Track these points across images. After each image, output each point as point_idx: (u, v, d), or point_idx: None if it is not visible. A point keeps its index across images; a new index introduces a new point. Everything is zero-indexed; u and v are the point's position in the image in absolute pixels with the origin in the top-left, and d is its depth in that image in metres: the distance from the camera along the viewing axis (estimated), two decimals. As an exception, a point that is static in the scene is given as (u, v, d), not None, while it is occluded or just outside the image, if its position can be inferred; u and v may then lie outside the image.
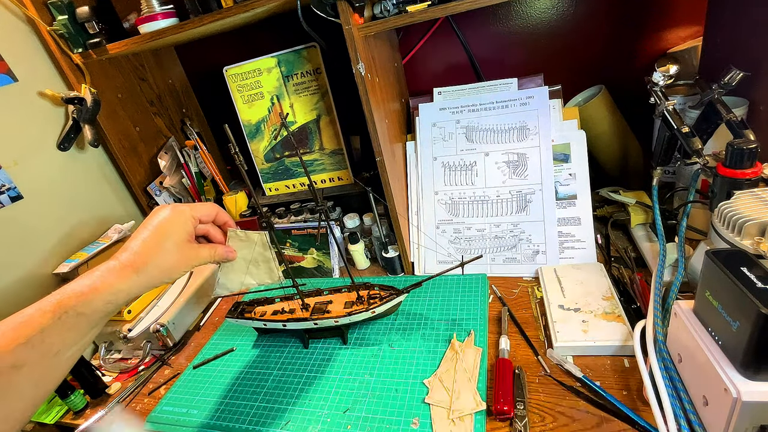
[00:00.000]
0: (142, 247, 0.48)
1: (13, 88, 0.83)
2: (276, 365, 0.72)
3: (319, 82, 0.93)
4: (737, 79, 0.62)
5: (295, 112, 0.97)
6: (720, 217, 0.54)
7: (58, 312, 0.41)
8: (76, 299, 0.42)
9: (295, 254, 0.97)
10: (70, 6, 0.83)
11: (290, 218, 1.00)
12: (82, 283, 0.44)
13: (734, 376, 0.39)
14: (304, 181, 1.05)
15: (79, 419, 0.71)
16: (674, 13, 0.86)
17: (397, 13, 0.69)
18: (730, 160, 0.57)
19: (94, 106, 0.89)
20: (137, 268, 0.46)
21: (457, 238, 0.85)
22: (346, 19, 0.65)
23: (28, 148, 0.85)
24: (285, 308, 0.75)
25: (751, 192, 0.54)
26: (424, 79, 1.04)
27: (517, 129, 0.82)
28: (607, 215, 0.84)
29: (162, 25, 0.79)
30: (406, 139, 0.92)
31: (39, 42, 0.88)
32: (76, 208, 0.93)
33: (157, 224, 0.49)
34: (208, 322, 0.90)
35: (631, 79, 0.89)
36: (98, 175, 0.99)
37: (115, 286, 0.45)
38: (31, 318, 0.40)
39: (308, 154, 1.01)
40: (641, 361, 0.52)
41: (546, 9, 0.91)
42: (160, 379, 0.76)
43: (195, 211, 0.53)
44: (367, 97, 0.71)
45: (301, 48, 0.90)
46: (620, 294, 0.67)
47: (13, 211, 0.81)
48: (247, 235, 0.59)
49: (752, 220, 0.49)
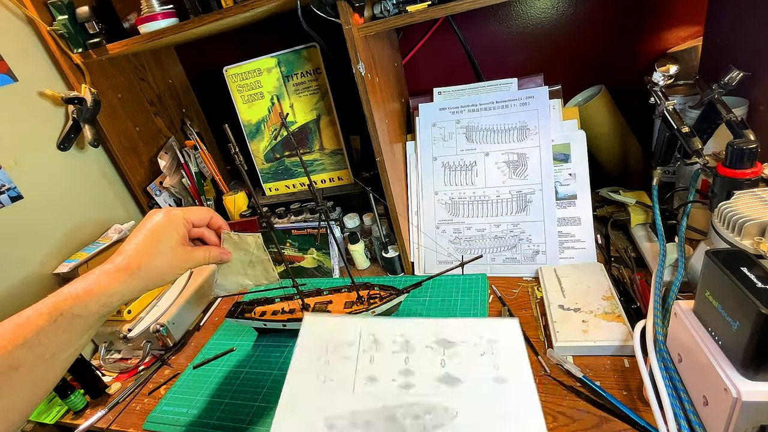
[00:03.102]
0: (135, 250, 0.48)
1: (13, 88, 0.83)
2: (276, 365, 0.72)
3: (319, 82, 0.93)
4: (737, 79, 0.62)
5: (295, 112, 0.97)
6: (720, 217, 0.54)
7: (54, 314, 0.42)
8: (71, 302, 0.43)
9: (295, 254, 0.96)
10: (70, 6, 0.83)
11: (290, 218, 1.00)
12: (78, 286, 0.44)
13: (734, 376, 0.39)
14: (304, 181, 1.05)
15: (79, 419, 0.71)
16: (674, 13, 0.86)
17: (397, 13, 0.69)
18: (730, 160, 0.57)
19: (94, 106, 0.89)
20: (131, 272, 0.47)
21: (457, 238, 0.85)
22: (346, 19, 0.65)
23: (28, 148, 0.85)
24: (285, 308, 0.75)
25: (751, 192, 0.54)
26: (424, 79, 1.04)
27: (517, 129, 0.82)
28: (607, 215, 0.84)
29: (162, 25, 0.79)
30: (406, 139, 0.92)
31: (39, 42, 0.88)
32: (76, 208, 0.93)
33: (151, 228, 0.50)
34: (208, 322, 0.90)
35: (631, 79, 0.89)
36: (98, 175, 0.99)
37: (110, 289, 0.45)
38: (28, 320, 0.41)
39: (308, 154, 1.01)
40: (641, 361, 0.52)
41: (546, 9, 0.91)
42: (160, 379, 0.76)
43: (188, 215, 0.54)
44: (367, 97, 0.71)
45: (301, 48, 0.91)
46: (620, 294, 0.67)
47: (13, 211, 0.81)
48: (241, 238, 0.59)
49: (752, 220, 0.49)
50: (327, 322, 0.44)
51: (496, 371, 0.38)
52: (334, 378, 0.40)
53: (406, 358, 0.40)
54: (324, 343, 0.42)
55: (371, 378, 0.39)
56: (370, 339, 0.41)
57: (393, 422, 0.36)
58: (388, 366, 0.40)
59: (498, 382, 0.37)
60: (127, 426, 0.68)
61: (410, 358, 0.40)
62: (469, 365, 0.39)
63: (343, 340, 0.42)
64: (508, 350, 0.39)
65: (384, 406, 0.37)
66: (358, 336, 0.42)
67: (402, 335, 0.41)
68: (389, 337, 0.41)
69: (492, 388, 0.37)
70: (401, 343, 0.41)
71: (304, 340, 0.43)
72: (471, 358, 0.39)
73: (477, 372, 0.38)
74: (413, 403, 0.37)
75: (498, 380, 0.37)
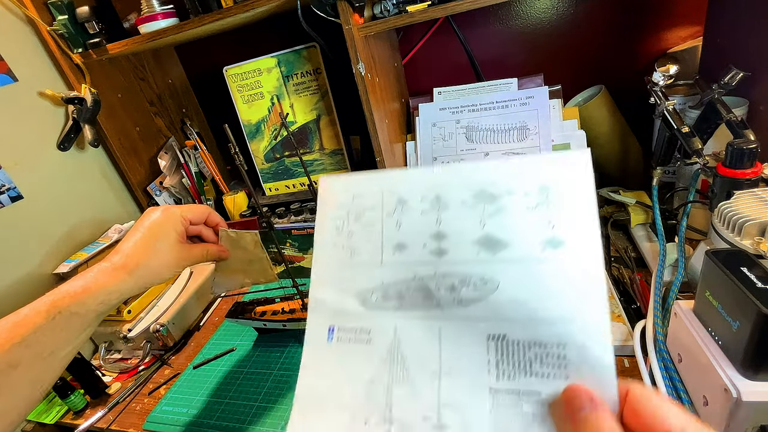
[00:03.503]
0: (133, 248, 0.48)
1: (13, 88, 0.83)
2: (276, 365, 0.72)
3: (319, 82, 0.93)
4: (737, 79, 0.62)
5: (295, 112, 0.97)
6: (720, 217, 0.54)
7: (52, 312, 0.42)
8: (69, 299, 0.43)
9: (295, 254, 0.96)
10: (70, 6, 0.83)
11: (290, 218, 1.00)
12: (75, 284, 0.44)
13: (734, 376, 0.39)
14: (304, 181, 1.05)
15: (79, 419, 0.71)
16: (674, 13, 0.86)
17: (397, 13, 0.69)
18: (730, 160, 0.57)
19: (94, 106, 0.89)
20: (129, 270, 0.47)
21: (457, 237, 0.85)
22: (346, 19, 0.65)
23: (28, 148, 0.85)
24: (285, 308, 0.75)
25: (751, 192, 0.54)
26: (424, 79, 1.04)
27: (517, 129, 0.82)
28: (607, 215, 0.84)
29: (162, 25, 0.79)
30: (406, 139, 0.92)
31: (39, 42, 0.88)
32: (76, 208, 0.93)
33: (149, 225, 0.50)
34: (208, 322, 0.90)
35: (631, 79, 0.89)
36: (98, 175, 0.99)
37: (108, 287, 0.45)
38: (26, 318, 0.41)
39: (308, 154, 1.01)
40: (641, 361, 0.52)
41: (546, 9, 0.91)
42: (160, 379, 0.76)
43: (186, 212, 0.54)
44: (367, 97, 0.71)
45: (301, 48, 0.91)
46: (620, 294, 0.67)
47: (13, 211, 0.81)
48: (239, 235, 0.59)
49: (752, 220, 0.49)
50: (345, 184, 0.37)
51: (551, 230, 0.30)
52: (360, 250, 0.34)
53: (437, 219, 0.33)
54: (345, 210, 0.36)
55: (400, 245, 0.33)
56: (393, 200, 0.35)
57: (426, 294, 0.31)
58: (417, 230, 0.33)
59: (552, 246, 0.29)
60: (127, 426, 0.68)
61: (443, 219, 0.33)
62: (515, 223, 0.30)
63: (364, 204, 0.36)
64: (570, 199, 0.30)
65: (416, 276, 0.32)
66: (380, 197, 0.35)
67: (432, 190, 0.34)
68: (417, 194, 0.34)
69: (544, 253, 0.29)
70: (431, 201, 0.33)
71: (324, 208, 0.37)
72: (519, 213, 0.31)
73: (526, 232, 0.30)
74: (447, 273, 0.31)
75: (552, 243, 0.29)
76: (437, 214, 0.33)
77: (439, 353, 0.30)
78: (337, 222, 0.36)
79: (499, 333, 0.29)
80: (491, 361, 0.28)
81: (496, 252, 0.30)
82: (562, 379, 0.26)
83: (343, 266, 0.35)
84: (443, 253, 0.32)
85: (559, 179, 0.31)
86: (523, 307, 0.28)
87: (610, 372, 0.25)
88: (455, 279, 0.31)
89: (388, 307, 0.32)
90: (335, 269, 0.35)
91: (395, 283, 0.32)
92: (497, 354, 0.28)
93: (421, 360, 0.30)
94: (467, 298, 0.30)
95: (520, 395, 0.27)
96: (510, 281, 0.29)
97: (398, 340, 0.31)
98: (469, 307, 0.30)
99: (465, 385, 0.29)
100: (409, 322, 0.31)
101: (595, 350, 0.26)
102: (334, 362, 0.33)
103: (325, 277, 0.35)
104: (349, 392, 0.32)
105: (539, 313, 0.28)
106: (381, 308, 0.32)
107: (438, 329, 0.30)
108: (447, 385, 0.29)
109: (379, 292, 0.33)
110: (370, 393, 0.31)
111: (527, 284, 0.29)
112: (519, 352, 0.28)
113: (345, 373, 0.32)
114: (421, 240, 0.33)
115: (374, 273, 0.33)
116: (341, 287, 0.34)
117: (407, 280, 0.32)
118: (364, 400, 0.31)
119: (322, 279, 0.35)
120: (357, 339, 0.33)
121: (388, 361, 0.31)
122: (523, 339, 0.28)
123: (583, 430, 0.22)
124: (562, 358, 0.26)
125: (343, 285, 0.34)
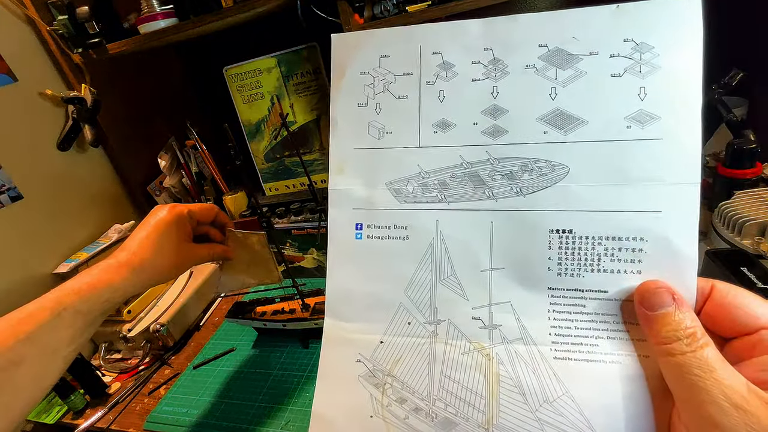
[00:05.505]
0: (139, 246, 0.48)
1: (13, 88, 0.83)
2: (276, 365, 0.72)
3: (319, 82, 0.93)
4: (737, 79, 0.62)
5: (295, 112, 0.97)
6: (720, 217, 0.54)
7: (57, 309, 0.41)
8: (74, 296, 0.43)
9: (295, 254, 0.96)
10: (70, 6, 0.83)
11: (290, 218, 1.00)
12: (81, 281, 0.44)
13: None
14: (304, 181, 1.05)
15: (79, 419, 0.71)
16: (674, 13, 0.85)
17: (397, 13, 0.69)
18: (730, 160, 0.57)
19: (94, 106, 0.89)
20: (134, 267, 0.47)
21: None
22: (346, 19, 0.65)
23: (28, 148, 0.85)
24: (285, 308, 0.75)
25: (751, 192, 0.54)
26: (424, 79, 1.04)
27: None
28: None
29: (162, 25, 0.79)
30: (406, 139, 0.92)
31: (39, 42, 0.88)
32: (76, 208, 0.93)
33: (155, 224, 0.50)
34: (208, 322, 0.90)
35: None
36: (98, 175, 0.99)
37: (113, 285, 0.45)
38: (30, 315, 0.41)
39: (308, 154, 1.01)
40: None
41: (546, 9, 0.91)
42: (160, 379, 0.76)
43: (194, 211, 0.54)
44: (367, 97, 0.71)
45: (301, 48, 0.91)
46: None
47: (13, 211, 0.81)
48: (245, 236, 0.59)
49: (752, 220, 0.49)
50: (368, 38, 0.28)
51: (641, 102, 0.23)
52: (391, 128, 0.28)
53: (493, 88, 0.26)
54: (369, 75, 0.28)
55: (443, 123, 0.27)
56: (435, 61, 0.27)
57: (477, 183, 0.26)
58: (466, 103, 0.26)
59: (640, 123, 0.23)
60: (127, 426, 0.68)
61: (501, 88, 0.26)
62: (596, 94, 0.24)
63: (395, 67, 0.28)
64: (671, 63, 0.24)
65: (463, 162, 0.26)
66: (417, 58, 0.27)
67: (487, 46, 0.26)
68: (466, 52, 0.26)
69: (630, 131, 0.23)
70: (485, 64, 0.26)
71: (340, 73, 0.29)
72: (601, 80, 0.24)
73: (608, 105, 0.24)
74: (504, 158, 0.25)
75: (640, 119, 0.23)
76: (494, 82, 0.26)
77: (490, 250, 0.26)
78: (357, 92, 0.29)
79: (565, 227, 0.25)
80: (552, 258, 0.25)
81: (568, 131, 0.24)
82: (635, 275, 0.23)
83: (369, 150, 0.29)
84: (500, 132, 0.26)
85: (662, 32, 0.24)
86: (596, 196, 0.24)
87: (693, 267, 0.22)
88: (514, 165, 0.25)
89: (427, 200, 0.27)
90: (360, 154, 0.29)
91: (436, 170, 0.27)
92: (560, 249, 0.25)
93: (469, 257, 0.26)
94: (529, 187, 0.25)
95: (584, 293, 0.24)
96: (583, 166, 0.24)
97: (441, 236, 0.27)
98: (529, 197, 0.25)
99: (520, 284, 0.25)
100: (454, 215, 0.27)
101: (680, 242, 0.22)
102: (366, 263, 0.29)
103: (347, 164, 0.29)
104: (387, 294, 0.28)
105: (616, 204, 0.23)
106: (419, 200, 0.27)
107: (489, 224, 0.26)
108: (499, 283, 0.26)
109: (417, 182, 0.27)
110: (411, 295, 0.27)
111: (604, 170, 0.24)
112: (587, 246, 0.24)
113: (380, 275, 0.28)
114: (471, 116, 0.26)
115: (410, 158, 0.28)
116: (368, 176, 0.28)
117: (452, 167, 0.27)
118: (407, 302, 0.27)
119: (343, 166, 0.29)
120: (392, 236, 0.28)
121: (430, 259, 0.27)
122: (593, 232, 0.24)
123: (661, 329, 0.20)
124: (637, 251, 0.23)
125: (371, 173, 0.28)
